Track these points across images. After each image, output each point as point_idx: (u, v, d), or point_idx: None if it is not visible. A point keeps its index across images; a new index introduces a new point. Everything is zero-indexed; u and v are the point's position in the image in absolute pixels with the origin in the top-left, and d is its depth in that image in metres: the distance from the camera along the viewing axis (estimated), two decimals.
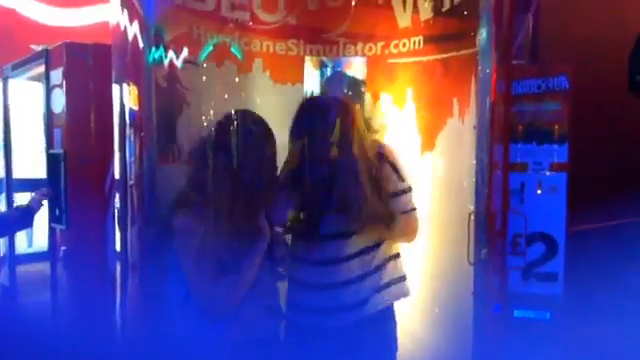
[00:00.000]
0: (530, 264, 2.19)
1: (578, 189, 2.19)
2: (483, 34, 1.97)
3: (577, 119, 2.25)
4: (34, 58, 3.19)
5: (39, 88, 3.29)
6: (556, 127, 2.19)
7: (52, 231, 3.14)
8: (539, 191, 2.20)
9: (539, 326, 2.23)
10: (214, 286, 1.61)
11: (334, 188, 1.77)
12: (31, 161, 3.57)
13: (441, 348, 2.25)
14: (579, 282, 2.28)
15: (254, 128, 1.72)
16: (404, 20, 2.50)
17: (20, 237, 3.75)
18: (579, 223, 2.29)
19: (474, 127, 2.09)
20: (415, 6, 2.45)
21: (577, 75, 2.25)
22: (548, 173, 2.19)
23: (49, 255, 3.20)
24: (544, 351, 2.23)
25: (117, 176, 2.08)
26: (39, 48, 3.13)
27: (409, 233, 1.93)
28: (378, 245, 1.87)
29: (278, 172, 1.80)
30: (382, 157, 1.86)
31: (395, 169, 1.87)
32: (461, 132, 2.29)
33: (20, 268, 3.68)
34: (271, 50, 2.58)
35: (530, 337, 2.23)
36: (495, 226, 2.10)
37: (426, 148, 2.44)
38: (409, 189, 1.92)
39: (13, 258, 3.69)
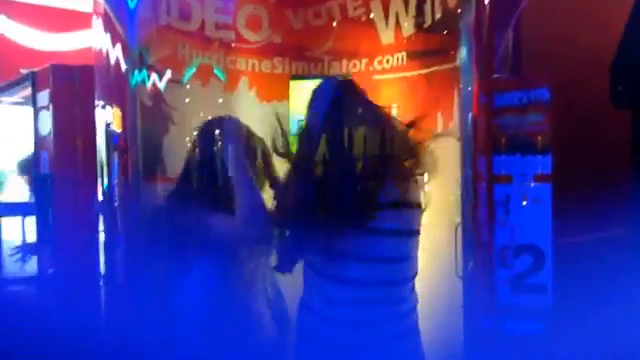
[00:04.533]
0: (518, 276, 2.18)
1: (563, 201, 2.20)
2: (463, 52, 2.00)
3: (560, 131, 2.26)
4: (21, 80, 3.20)
5: (25, 112, 3.30)
6: (539, 138, 2.20)
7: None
8: (524, 202, 2.20)
9: (529, 339, 2.22)
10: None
11: None
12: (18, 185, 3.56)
13: None
14: (569, 295, 2.27)
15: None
16: (387, 37, 2.54)
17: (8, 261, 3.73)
18: (567, 235, 2.29)
19: (457, 140, 2.11)
20: (397, 23, 2.49)
21: (559, 86, 2.27)
22: (532, 184, 2.20)
23: (37, 278, 3.18)
24: None
25: (101, 198, 2.08)
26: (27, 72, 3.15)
27: None
28: None
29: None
30: None
31: None
32: (446, 145, 2.31)
33: (11, 292, 3.65)
34: (257, 68, 2.61)
35: (521, 350, 2.22)
36: (482, 238, 2.10)
37: None
38: None
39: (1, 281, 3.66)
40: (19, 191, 3.55)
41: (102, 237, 2.09)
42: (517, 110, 2.18)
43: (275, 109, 2.55)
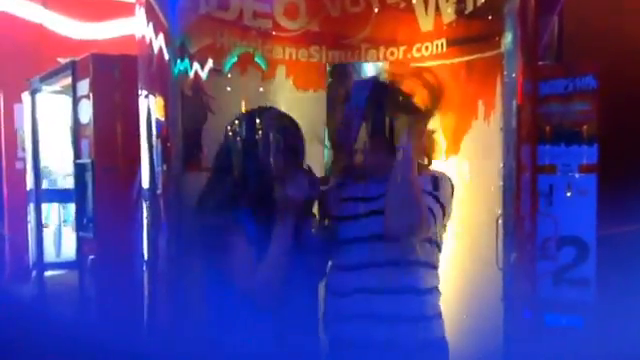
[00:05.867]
0: (561, 268, 2.15)
1: (609, 192, 2.15)
2: (508, 37, 1.95)
3: (606, 119, 2.21)
4: (61, 70, 3.26)
5: (65, 101, 3.36)
6: (585, 127, 2.15)
7: (80, 240, 3.18)
8: (568, 193, 2.16)
9: (571, 332, 2.19)
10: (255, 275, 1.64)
11: None
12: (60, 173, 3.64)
13: (471, 356, 2.21)
14: (611, 287, 2.22)
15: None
16: (426, 24, 2.49)
17: (49, 246, 3.82)
18: (611, 227, 2.24)
19: (501, 129, 2.07)
20: (437, 9, 2.44)
21: (605, 74, 2.21)
22: (577, 175, 2.15)
23: (77, 264, 3.25)
24: (576, 357, 2.19)
25: (145, 186, 2.10)
26: (66, 61, 3.20)
27: None
28: None
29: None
30: None
31: None
32: (487, 134, 2.27)
33: (49, 278, 3.73)
34: (294, 57, 2.60)
35: (562, 343, 2.19)
36: (524, 230, 2.07)
37: (451, 151, 2.42)
38: None
39: (41, 266, 3.76)
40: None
41: (145, 224, 2.12)
42: (562, 98, 2.13)
43: (312, 98, 2.56)
